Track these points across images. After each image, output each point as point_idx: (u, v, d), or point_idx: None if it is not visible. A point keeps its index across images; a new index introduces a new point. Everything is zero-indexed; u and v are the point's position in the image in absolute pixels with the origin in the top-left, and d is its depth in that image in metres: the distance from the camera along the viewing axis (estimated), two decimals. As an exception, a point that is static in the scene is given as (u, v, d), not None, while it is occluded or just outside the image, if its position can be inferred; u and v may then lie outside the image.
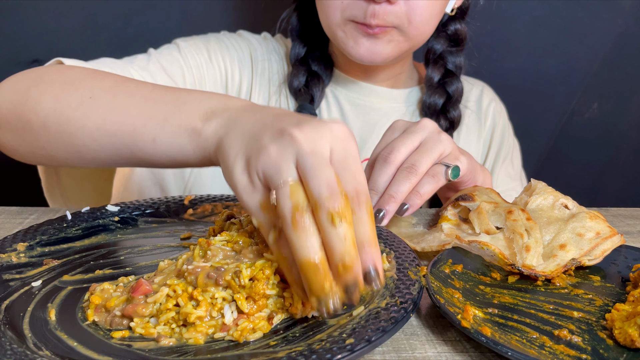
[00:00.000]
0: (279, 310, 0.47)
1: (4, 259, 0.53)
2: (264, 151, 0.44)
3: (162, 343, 0.43)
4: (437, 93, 0.96)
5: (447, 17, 0.94)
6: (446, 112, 0.97)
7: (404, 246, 0.56)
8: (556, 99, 1.33)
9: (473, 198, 0.64)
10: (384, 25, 0.80)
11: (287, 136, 0.43)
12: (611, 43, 1.28)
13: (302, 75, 0.95)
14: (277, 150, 0.43)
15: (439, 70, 0.97)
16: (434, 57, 0.97)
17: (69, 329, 0.45)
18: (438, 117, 0.97)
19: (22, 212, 0.71)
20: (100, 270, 0.54)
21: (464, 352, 0.44)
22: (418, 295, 0.47)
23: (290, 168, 0.43)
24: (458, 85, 0.97)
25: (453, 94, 0.96)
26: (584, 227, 0.58)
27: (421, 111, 0.99)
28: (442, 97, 0.96)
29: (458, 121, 0.98)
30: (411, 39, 0.84)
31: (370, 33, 0.82)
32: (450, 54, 0.97)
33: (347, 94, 0.98)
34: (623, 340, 0.44)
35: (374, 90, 0.98)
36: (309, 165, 0.42)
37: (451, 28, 0.96)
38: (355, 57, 0.85)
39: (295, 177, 0.42)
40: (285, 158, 0.43)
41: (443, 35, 0.96)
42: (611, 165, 1.41)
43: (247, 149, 0.46)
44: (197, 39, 0.95)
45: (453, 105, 0.97)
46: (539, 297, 0.51)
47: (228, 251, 0.49)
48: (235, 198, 0.71)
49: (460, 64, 0.97)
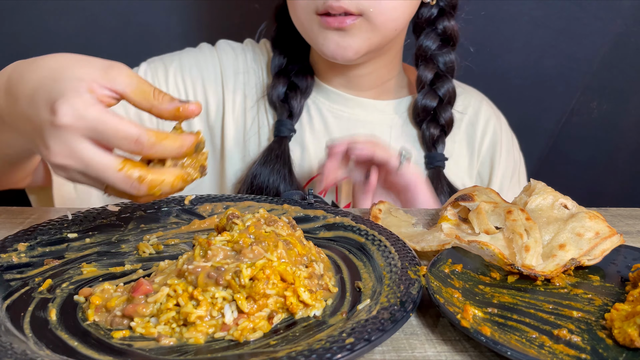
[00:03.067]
0: (279, 309, 0.47)
1: (4, 259, 0.54)
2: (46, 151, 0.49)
3: (162, 343, 0.43)
4: (430, 95, 0.92)
5: (434, 14, 0.91)
6: (437, 117, 0.93)
7: (403, 246, 0.57)
8: (556, 98, 1.33)
9: (472, 198, 0.64)
10: (347, 9, 0.77)
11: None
12: (610, 43, 1.28)
13: (282, 86, 0.92)
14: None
15: (431, 70, 0.93)
16: (424, 56, 0.93)
17: (69, 328, 0.45)
18: (430, 124, 0.93)
19: (23, 212, 0.71)
20: (100, 270, 0.55)
21: (463, 352, 0.44)
22: (418, 295, 0.47)
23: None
24: (449, 87, 0.93)
25: (444, 96, 0.92)
26: (584, 227, 0.59)
27: (413, 117, 0.95)
28: (435, 99, 0.92)
29: (450, 125, 0.94)
30: (379, 27, 0.80)
31: (336, 26, 0.79)
32: (441, 53, 0.93)
33: (331, 106, 0.94)
34: (622, 339, 0.44)
35: (359, 102, 0.94)
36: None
37: (440, 26, 0.92)
38: (327, 54, 0.83)
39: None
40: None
41: (432, 33, 0.92)
42: (611, 165, 1.41)
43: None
44: (159, 61, 0.93)
45: (444, 108, 0.93)
46: (539, 297, 0.52)
47: (228, 251, 0.49)
48: (235, 198, 0.71)
49: (451, 64, 0.93)
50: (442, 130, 0.93)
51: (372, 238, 0.59)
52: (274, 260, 0.48)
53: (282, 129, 0.91)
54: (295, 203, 0.69)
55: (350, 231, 0.62)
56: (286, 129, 0.91)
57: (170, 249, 0.60)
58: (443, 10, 0.92)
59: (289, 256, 0.50)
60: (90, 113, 0.48)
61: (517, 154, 1.03)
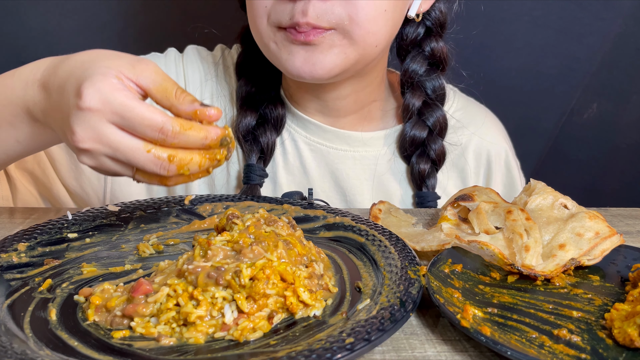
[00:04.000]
0: (279, 309, 0.47)
1: (4, 258, 0.54)
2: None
3: (162, 342, 0.43)
4: (418, 126, 0.82)
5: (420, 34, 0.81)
6: (427, 150, 0.83)
7: (403, 246, 0.57)
8: (555, 98, 1.33)
9: (472, 198, 0.64)
10: (317, 25, 0.67)
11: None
12: (610, 43, 1.28)
13: (251, 119, 0.80)
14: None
15: (419, 98, 0.82)
16: (411, 82, 0.83)
17: (69, 328, 0.45)
18: (419, 158, 0.83)
19: (23, 212, 0.71)
20: (100, 270, 0.55)
21: (463, 352, 0.44)
22: (417, 295, 0.47)
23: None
24: (439, 115, 0.83)
25: (433, 126, 0.82)
26: (583, 227, 0.59)
27: (400, 151, 0.85)
28: (424, 130, 0.82)
29: (442, 159, 0.84)
30: (357, 42, 0.70)
31: (303, 40, 0.68)
32: (429, 79, 0.82)
33: (307, 137, 0.83)
34: (622, 339, 0.44)
35: (339, 134, 0.82)
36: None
37: (427, 47, 0.82)
38: (292, 71, 0.71)
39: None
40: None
41: (419, 56, 0.82)
42: (610, 165, 1.41)
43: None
44: None
45: (434, 140, 0.83)
46: (539, 297, 0.52)
47: (228, 251, 0.49)
48: (235, 198, 0.71)
49: (441, 90, 0.83)
50: (433, 164, 0.84)
51: (372, 238, 0.59)
52: (274, 260, 0.48)
53: (252, 176, 0.80)
54: (295, 203, 0.69)
55: (350, 231, 0.62)
56: (256, 176, 0.80)
57: (170, 249, 0.60)
58: (430, 30, 0.82)
59: (289, 256, 0.50)
60: (116, 97, 0.48)
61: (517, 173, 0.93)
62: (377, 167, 0.84)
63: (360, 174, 0.84)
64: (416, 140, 0.83)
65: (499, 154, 0.89)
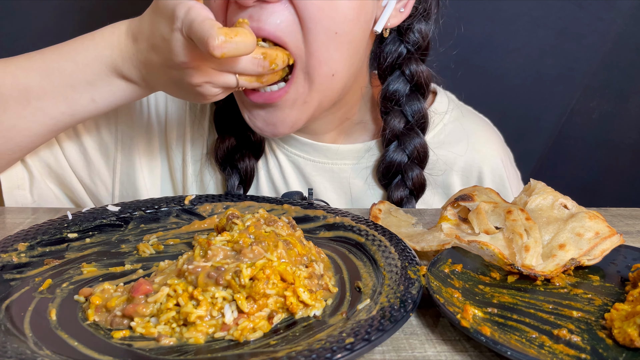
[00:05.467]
0: (279, 309, 0.47)
1: (4, 258, 0.54)
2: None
3: (162, 342, 0.43)
4: (396, 152, 0.78)
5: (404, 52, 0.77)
6: (404, 179, 0.79)
7: (403, 246, 0.57)
8: (556, 99, 1.33)
9: (472, 198, 0.64)
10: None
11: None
12: (610, 43, 1.28)
13: (227, 144, 0.79)
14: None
15: (399, 121, 0.78)
16: (391, 104, 0.79)
17: (69, 328, 0.45)
18: (396, 186, 0.79)
19: (23, 212, 0.71)
20: (100, 270, 0.55)
21: (463, 352, 0.44)
22: (417, 295, 0.47)
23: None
24: (417, 143, 0.78)
25: (411, 154, 0.78)
26: (583, 227, 0.59)
27: (376, 172, 0.81)
28: (403, 156, 0.79)
29: (421, 189, 0.80)
30: (312, 77, 0.66)
31: (261, 102, 0.67)
32: (408, 101, 0.78)
33: (287, 149, 0.82)
34: (622, 339, 0.44)
35: (317, 148, 0.81)
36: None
37: (406, 70, 0.78)
38: (256, 132, 0.72)
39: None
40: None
41: (401, 77, 0.78)
42: (610, 165, 1.41)
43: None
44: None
45: (411, 167, 0.79)
46: (539, 297, 0.52)
47: (228, 251, 0.49)
48: (235, 198, 0.71)
49: (420, 114, 0.78)
50: (411, 194, 0.80)
51: (372, 238, 0.59)
52: (274, 260, 0.48)
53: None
54: (295, 203, 0.69)
55: (350, 231, 0.62)
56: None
57: (170, 249, 0.60)
58: (410, 52, 0.77)
59: (289, 256, 0.50)
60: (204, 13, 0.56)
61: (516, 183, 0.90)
62: (356, 180, 0.83)
63: (337, 186, 0.83)
64: (393, 165, 0.79)
65: (492, 170, 0.85)
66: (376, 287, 0.50)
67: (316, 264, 0.52)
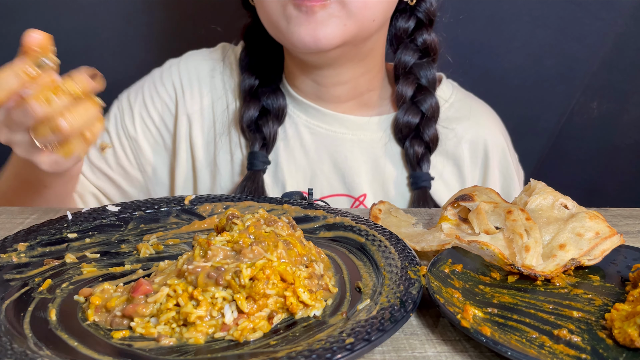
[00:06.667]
0: (279, 309, 0.47)
1: (4, 259, 0.54)
2: None
3: (162, 343, 0.43)
4: (411, 111, 0.87)
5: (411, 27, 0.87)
6: (420, 134, 0.87)
7: (403, 246, 0.57)
8: (556, 98, 1.33)
9: (472, 198, 0.64)
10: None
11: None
12: (611, 43, 1.28)
13: (254, 110, 0.86)
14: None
15: (411, 85, 0.88)
16: (404, 71, 0.88)
17: (69, 328, 0.45)
18: (413, 141, 0.87)
19: (23, 212, 0.71)
20: (100, 270, 0.54)
21: (463, 352, 0.44)
22: (418, 295, 0.47)
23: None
24: (432, 102, 0.88)
25: (427, 111, 0.87)
26: (584, 227, 0.59)
27: (395, 134, 0.89)
28: (417, 116, 0.87)
29: (435, 142, 0.88)
30: (355, 14, 0.75)
31: (308, 5, 0.73)
32: (421, 67, 0.88)
33: (307, 120, 0.88)
34: (622, 340, 0.44)
35: (337, 117, 0.88)
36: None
37: (419, 39, 0.88)
38: (298, 45, 0.76)
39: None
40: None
41: (411, 46, 0.88)
42: (610, 165, 1.41)
43: None
44: (126, 101, 0.91)
45: (427, 124, 0.87)
46: (539, 297, 0.52)
47: (228, 251, 0.49)
48: (235, 198, 0.71)
49: (433, 78, 0.89)
50: (426, 147, 0.88)
51: (372, 238, 0.59)
52: (274, 260, 0.48)
53: (256, 162, 0.86)
54: (295, 203, 0.69)
55: (350, 231, 0.62)
56: (260, 162, 0.86)
57: (170, 249, 0.60)
58: (421, 22, 0.88)
59: (289, 256, 0.50)
60: None
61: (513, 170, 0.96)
62: (374, 150, 0.89)
63: (358, 156, 0.88)
64: (410, 125, 0.87)
65: (496, 144, 0.92)
66: (376, 287, 0.50)
67: (316, 264, 0.52)
